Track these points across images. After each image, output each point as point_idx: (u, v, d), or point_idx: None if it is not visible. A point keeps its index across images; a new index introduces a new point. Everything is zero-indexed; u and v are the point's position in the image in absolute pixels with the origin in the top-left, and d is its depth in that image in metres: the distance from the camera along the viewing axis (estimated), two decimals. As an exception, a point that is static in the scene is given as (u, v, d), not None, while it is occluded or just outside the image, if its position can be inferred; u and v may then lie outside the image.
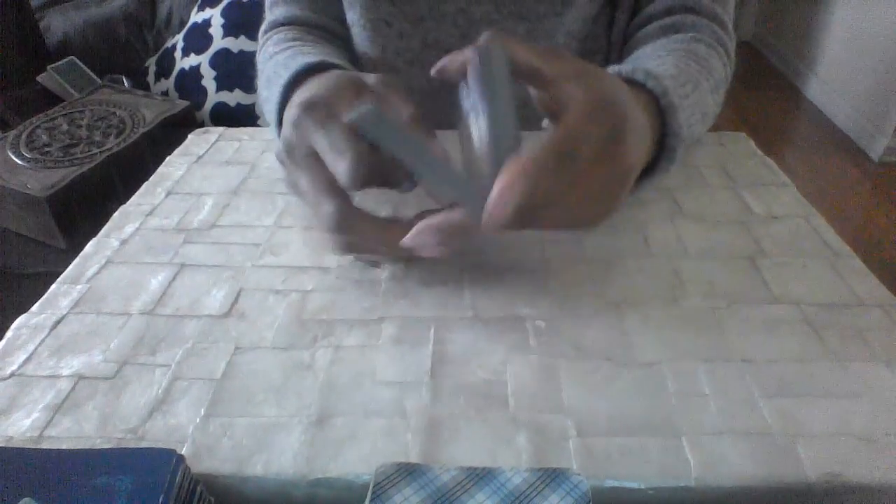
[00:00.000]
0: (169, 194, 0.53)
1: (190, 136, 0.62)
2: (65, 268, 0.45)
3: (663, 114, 0.43)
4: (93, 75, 1.40)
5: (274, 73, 0.54)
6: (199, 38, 1.40)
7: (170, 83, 1.41)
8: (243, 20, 1.37)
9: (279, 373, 0.36)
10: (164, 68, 1.44)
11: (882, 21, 2.30)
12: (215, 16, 1.40)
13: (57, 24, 1.51)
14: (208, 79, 1.36)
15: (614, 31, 0.63)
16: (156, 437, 0.33)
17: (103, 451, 0.29)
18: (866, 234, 1.96)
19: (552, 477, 0.28)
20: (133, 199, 0.53)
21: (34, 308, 0.41)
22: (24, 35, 1.37)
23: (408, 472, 0.28)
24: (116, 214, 0.51)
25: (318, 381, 0.36)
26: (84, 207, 1.01)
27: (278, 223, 0.49)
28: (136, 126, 1.16)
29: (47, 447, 0.32)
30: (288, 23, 0.65)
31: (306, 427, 0.33)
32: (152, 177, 0.56)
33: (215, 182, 0.55)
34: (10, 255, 1.01)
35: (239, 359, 0.37)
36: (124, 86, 1.39)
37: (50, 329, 0.39)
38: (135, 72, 1.48)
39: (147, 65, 1.49)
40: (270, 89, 0.52)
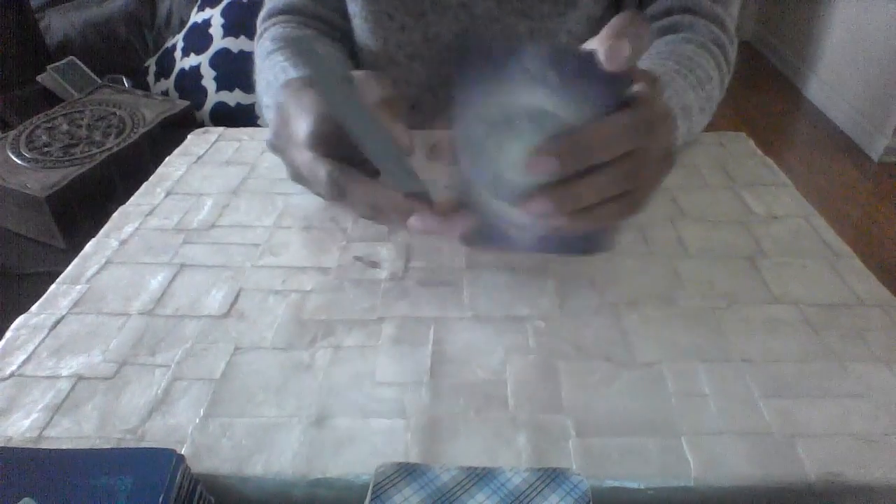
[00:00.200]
0: (169, 194, 0.53)
1: (190, 136, 0.62)
2: (64, 268, 0.45)
3: None
4: (93, 75, 1.40)
5: (274, 77, 0.54)
6: (199, 38, 1.40)
7: (170, 83, 1.41)
8: (243, 20, 1.37)
9: (279, 373, 0.36)
10: (164, 68, 1.44)
11: (882, 21, 2.30)
12: (215, 16, 1.40)
13: (57, 24, 1.51)
14: (208, 79, 1.36)
15: None
16: (155, 437, 0.33)
17: (103, 452, 0.29)
18: (866, 234, 1.96)
19: (552, 477, 0.28)
20: (133, 199, 0.53)
21: (34, 308, 0.41)
22: (24, 35, 1.37)
23: (408, 472, 0.28)
24: (116, 214, 0.51)
25: (317, 381, 0.36)
26: (84, 207, 1.01)
27: (278, 223, 0.49)
28: (136, 126, 1.16)
29: (47, 447, 0.32)
30: (287, 10, 0.65)
31: (306, 427, 0.33)
32: (152, 177, 0.56)
33: (215, 182, 0.55)
34: (9, 255, 1.01)
35: (238, 359, 0.37)
36: (124, 86, 1.39)
37: (49, 329, 0.39)
38: (135, 72, 1.48)
39: (147, 65, 1.49)
40: (270, 94, 0.52)
